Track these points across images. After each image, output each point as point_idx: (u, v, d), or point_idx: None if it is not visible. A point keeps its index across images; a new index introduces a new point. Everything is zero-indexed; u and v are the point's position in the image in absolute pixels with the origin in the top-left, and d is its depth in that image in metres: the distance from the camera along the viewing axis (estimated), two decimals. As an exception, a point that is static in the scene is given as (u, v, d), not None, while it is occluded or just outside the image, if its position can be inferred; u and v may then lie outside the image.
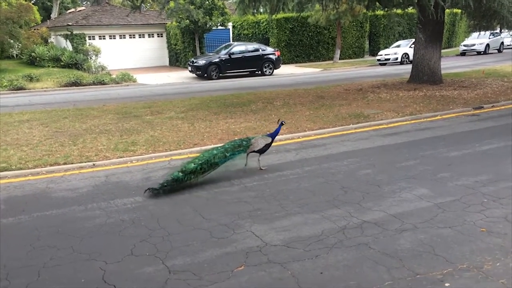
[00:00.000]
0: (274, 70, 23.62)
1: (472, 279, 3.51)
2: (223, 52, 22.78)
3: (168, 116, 11.11)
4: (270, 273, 3.72)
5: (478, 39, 30.98)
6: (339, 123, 9.65)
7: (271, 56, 23.56)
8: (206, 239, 4.40)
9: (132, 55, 29.99)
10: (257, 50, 23.47)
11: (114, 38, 29.93)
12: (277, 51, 24.31)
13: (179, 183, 5.83)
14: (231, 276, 3.70)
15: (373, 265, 3.78)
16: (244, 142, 6.53)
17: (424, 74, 15.06)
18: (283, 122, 6.93)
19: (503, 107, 11.12)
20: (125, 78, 21.13)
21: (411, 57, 20.04)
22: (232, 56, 22.38)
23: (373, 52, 33.25)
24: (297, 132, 8.97)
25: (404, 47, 27.35)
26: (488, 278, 3.51)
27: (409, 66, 16.57)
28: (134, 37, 30.71)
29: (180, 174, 5.86)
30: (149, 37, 31.35)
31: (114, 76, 21.22)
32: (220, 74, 22.12)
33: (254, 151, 6.55)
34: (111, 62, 26.37)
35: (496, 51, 32.63)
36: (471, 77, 17.00)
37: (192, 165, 5.98)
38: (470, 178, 5.81)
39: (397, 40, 30.62)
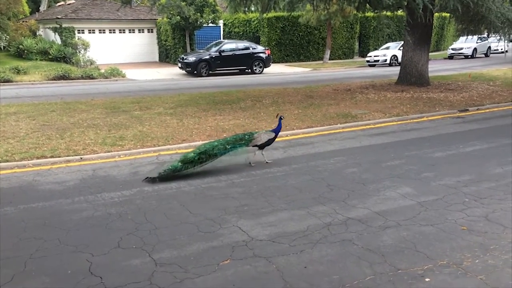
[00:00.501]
0: (264, 69, 23.68)
1: (452, 275, 3.61)
2: (214, 49, 22.77)
3: (157, 111, 11.11)
4: (255, 267, 3.78)
5: (466, 43, 31.38)
6: (327, 123, 9.75)
7: (261, 54, 23.61)
8: (193, 233, 4.45)
9: (121, 50, 29.81)
10: (247, 48, 23.50)
11: (104, 33, 29.73)
12: (267, 49, 24.36)
13: (176, 172, 6.01)
14: (217, 269, 3.76)
15: (356, 260, 3.86)
16: (246, 136, 6.67)
17: (412, 76, 15.24)
18: (282, 117, 7.08)
19: (487, 110, 11.32)
20: (114, 73, 21.02)
21: (399, 59, 20.25)
22: (223, 54, 22.39)
23: (363, 53, 33.50)
24: (285, 131, 9.02)
25: (393, 49, 27.59)
26: (467, 274, 3.62)
27: (398, 68, 16.77)
28: (124, 32, 30.53)
29: (179, 164, 6.06)
30: (139, 32, 31.20)
31: (103, 70, 21.09)
32: (210, 72, 22.11)
33: (256, 145, 6.68)
34: (100, 57, 26.20)
35: (483, 55, 33.10)
36: (457, 80, 17.25)
37: (192, 154, 6.18)
38: (453, 178, 5.94)
39: (386, 42, 30.88)
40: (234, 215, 4.87)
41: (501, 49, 32.52)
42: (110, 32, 29.98)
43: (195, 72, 21.73)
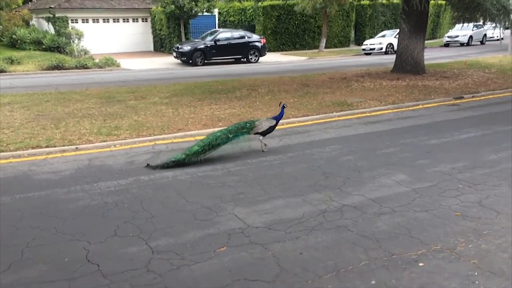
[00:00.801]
0: (260, 58, 23.61)
1: (445, 260, 3.66)
2: (209, 38, 22.66)
3: (152, 101, 11.09)
4: (251, 254, 3.82)
5: (462, 31, 31.35)
6: (322, 111, 9.77)
7: (256, 43, 23.52)
8: (189, 221, 4.48)
9: (116, 40, 29.60)
10: (243, 37, 23.39)
11: (98, 22, 29.48)
12: (263, 38, 24.27)
13: (180, 163, 6.20)
14: (213, 256, 3.80)
15: (351, 246, 3.91)
16: (248, 124, 6.81)
17: (407, 64, 15.25)
18: (285, 105, 7.22)
19: (482, 98, 11.37)
20: (108, 62, 20.89)
21: (395, 47, 20.21)
22: (218, 43, 22.29)
23: (359, 42, 33.40)
24: (281, 119, 9.02)
25: (389, 37, 27.54)
26: (460, 259, 3.67)
27: (394, 56, 16.75)
28: (118, 21, 30.28)
29: (183, 156, 6.28)
30: (133, 21, 30.95)
31: (97, 60, 20.97)
32: (206, 61, 22.03)
33: (258, 133, 6.82)
34: (94, 46, 25.99)
35: (479, 42, 33.08)
36: (453, 67, 17.28)
37: (196, 147, 6.38)
38: (447, 165, 5.99)
39: (382, 30, 30.81)
40: (230, 203, 4.90)
41: (497, 37, 32.52)
42: (104, 22, 29.73)
43: (190, 61, 21.64)
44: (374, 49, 27.21)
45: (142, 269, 3.59)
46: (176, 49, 22.44)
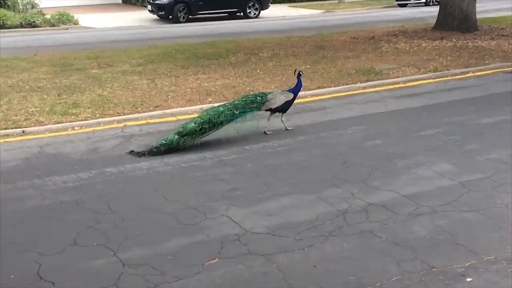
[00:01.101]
0: (261, 11, 23.51)
1: (500, 273, 3.71)
2: (194, -14, 22.50)
3: (121, 69, 11.08)
4: (250, 267, 3.87)
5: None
6: (343, 81, 9.77)
7: (257, -8, 23.38)
8: (171, 225, 4.52)
9: (72, -11, 29.42)
10: (239, -16, 23.26)
11: (48, -34, 29.24)
12: (265, -16, 24.11)
13: (172, 146, 6.26)
14: (201, 270, 3.85)
15: (378, 257, 3.96)
16: (258, 98, 6.87)
17: (454, 18, 15.19)
18: (301, 73, 7.31)
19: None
20: (63, 19, 20.80)
21: (439, -4, 20.12)
22: (206, -8, 22.15)
23: (391, -12, 33.15)
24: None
25: (432, -19, 27.32)
26: (519, 272, 3.72)
27: (437, 9, 16.65)
28: (74, -36, 30.03)
29: (176, 136, 6.31)
30: (95, -36, 30.69)
31: (48, 16, 20.88)
32: (190, 16, 21.91)
33: (271, 109, 6.92)
34: (45, -2, 25.86)
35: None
36: (515, 23, 17.19)
37: (192, 124, 6.41)
38: (504, 151, 6.03)
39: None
40: (223, 202, 4.94)
41: None
42: (56, -35, 29.48)
43: (171, 16, 21.53)
44: (411, -2, 27.00)
45: (110, 288, 3.64)
46: (151, 2, 22.30)
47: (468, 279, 3.65)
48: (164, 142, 6.29)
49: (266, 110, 6.90)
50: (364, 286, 3.60)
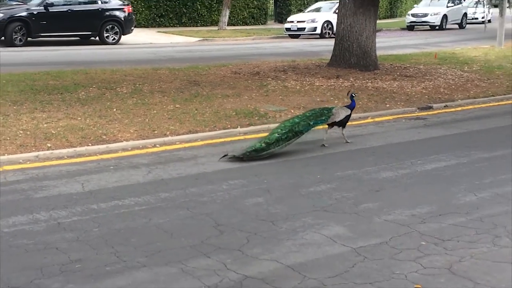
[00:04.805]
0: (122, 36, 23.64)
1: None
2: (36, 1, 22.14)
3: None
4: None
5: (431, 7, 33.74)
6: (220, 125, 9.91)
7: (117, 13, 23.50)
8: (-17, 312, 4.24)
9: None
10: (94, 2, 23.22)
11: None
12: (128, 5, 24.25)
13: (260, 153, 8.09)
14: None
15: None
16: (325, 111, 8.95)
17: (352, 54, 16.00)
18: (354, 94, 9.44)
19: (459, 108, 12.25)
20: None
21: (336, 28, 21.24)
22: (51, 9, 21.92)
23: (281, 17, 34.67)
24: (153, 137, 9.05)
25: (327, 11, 28.91)
26: None
27: (332, 42, 17.49)
28: None
29: (263, 144, 8.13)
30: None
31: None
32: (30, 39, 21.51)
33: (335, 122, 8.89)
34: None
35: (457, 25, 35.84)
36: (419, 62, 18.47)
37: (276, 135, 8.28)
38: (405, 211, 6.31)
39: (316, 1, 32.22)
40: (57, 279, 4.73)
41: (482, 18, 35.38)
42: None
43: (3, 38, 20.97)
44: (304, 29, 28.34)
45: None
46: (-22, 18, 21.60)
47: None
48: (253, 148, 8.09)
49: (330, 123, 8.83)
50: None
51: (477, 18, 36.85)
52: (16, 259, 5.06)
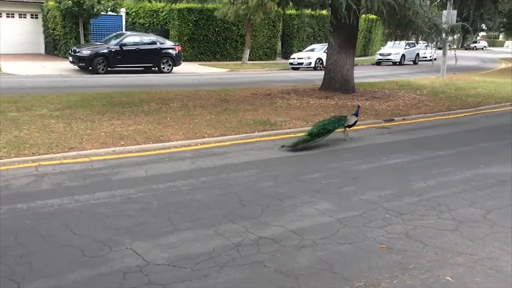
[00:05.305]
0: (174, 68, 23.61)
1: (368, 297, 3.81)
2: (114, 42, 22.26)
3: (39, 113, 10.58)
4: (150, 296, 3.72)
5: (394, 49, 33.64)
6: (243, 130, 9.90)
7: (170, 51, 23.50)
8: (76, 258, 4.27)
9: (-3, 38, 28.03)
10: (154, 43, 23.28)
11: (-26, 15, 27.79)
12: (177, 45, 24.30)
13: (305, 143, 8.54)
14: (103, 300, 3.64)
15: (267, 284, 3.94)
16: (343, 118, 9.43)
17: (336, 81, 15.98)
18: (359, 105, 10.60)
19: (413, 121, 12.18)
20: (-14, 65, 19.70)
21: (325, 63, 21.22)
22: (124, 48, 21.94)
23: (286, 55, 34.62)
24: (195, 138, 9.04)
25: (319, 51, 28.80)
26: (384, 296, 3.84)
27: (323, 73, 17.48)
28: (0, 16, 28.73)
29: (308, 137, 8.62)
30: (20, 17, 29.56)
31: (-29, 62, 19.69)
32: (109, 68, 21.57)
33: (349, 125, 9.41)
34: (-32, 45, 24.45)
35: (412, 62, 35.70)
36: (384, 88, 18.39)
37: (315, 130, 8.71)
38: (374, 193, 6.30)
39: (311, 44, 32.19)
40: (127, 236, 4.76)
41: (430, 56, 35.23)
42: (-18, 15, 28.08)
43: (90, 68, 21.07)
44: (302, 63, 28.28)
45: (11, 319, 3.35)
46: (73, 53, 21.71)
47: (342, 303, 3.72)
48: (302, 140, 8.53)
49: (346, 126, 9.34)
50: (252, 311, 3.56)
51: (426, 57, 36.67)
52: (99, 222, 5.11)
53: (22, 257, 4.24)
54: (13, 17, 29.29)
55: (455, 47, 21.00)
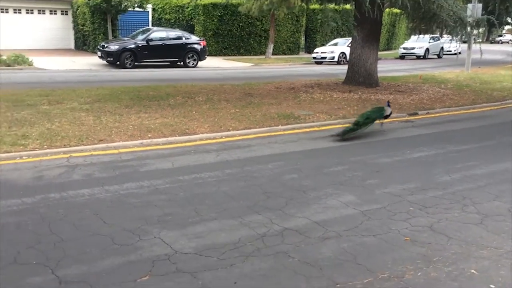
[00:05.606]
0: (199, 62, 23.67)
1: (392, 288, 3.80)
2: (140, 37, 22.43)
3: (70, 106, 10.75)
4: (178, 283, 3.77)
5: (418, 43, 33.14)
6: (267, 124, 9.90)
7: (195, 45, 23.57)
8: (107, 246, 4.36)
9: (29, 34, 28.56)
10: (180, 38, 23.38)
11: (7, 12, 28.34)
12: (202, 40, 24.36)
13: (351, 133, 8.86)
14: (133, 286, 3.71)
15: (291, 275, 3.96)
16: (382, 108, 9.66)
17: (360, 75, 15.84)
18: (389, 102, 10.18)
19: (437, 115, 12.01)
20: (18, 60, 20.08)
21: (348, 57, 21.03)
22: (151, 43, 22.09)
23: (309, 49, 34.40)
24: (220, 132, 9.08)
25: (342, 45, 28.53)
26: None
27: (346, 67, 17.34)
28: (32, 13, 29.28)
29: (354, 126, 8.90)
30: (50, 14, 30.04)
31: (4, 57, 20.08)
32: (136, 63, 21.75)
33: (386, 116, 9.62)
34: (2, 41, 24.94)
35: (436, 56, 35.09)
36: (408, 81, 18.15)
37: (360, 120, 9.03)
38: (398, 186, 6.25)
39: (334, 38, 31.91)
40: (156, 226, 4.82)
41: (454, 50, 34.62)
42: (15, 12, 28.65)
43: (118, 62, 21.29)
44: (325, 58, 28.07)
45: (46, 303, 3.44)
46: (101, 48, 21.97)
47: (366, 293, 3.72)
48: (348, 129, 8.84)
49: (384, 116, 9.51)
50: (277, 300, 3.59)
51: (450, 51, 36.05)
52: (128, 212, 5.19)
53: (55, 244, 4.35)
54: (43, 13, 29.77)
55: (480, 40, 20.53)
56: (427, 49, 33.74)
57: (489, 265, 4.22)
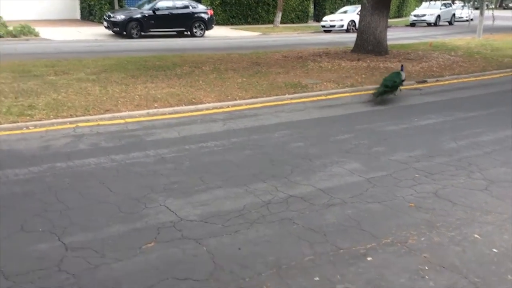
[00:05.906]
0: (206, 31, 23.43)
1: (395, 253, 3.82)
2: (147, 7, 22.17)
3: (76, 77, 10.74)
4: (183, 250, 3.82)
5: (429, 9, 32.49)
6: (274, 93, 9.84)
7: (202, 15, 23.30)
8: (113, 214, 4.41)
9: (34, 4, 28.31)
10: (186, 7, 23.09)
11: (12, -17, 28.03)
12: (210, 9, 24.07)
13: (382, 95, 9.26)
14: (138, 253, 3.76)
15: (295, 241, 3.99)
16: (398, 73, 9.68)
17: (369, 43, 15.62)
18: (402, 66, 10.32)
19: (447, 82, 11.86)
20: (24, 31, 19.98)
21: (358, 25, 20.71)
22: (157, 13, 21.84)
23: (318, 18, 33.89)
24: (227, 101, 9.05)
25: (351, 13, 28.09)
26: (411, 252, 3.84)
27: (355, 35, 17.09)
28: (37, -17, 28.93)
29: (383, 88, 9.23)
30: (56, -17, 29.69)
31: (10, 28, 19.99)
32: (142, 33, 21.56)
33: (403, 80, 9.71)
34: (7, 11, 24.78)
35: (447, 23, 34.45)
36: (418, 49, 17.87)
37: (388, 83, 9.31)
38: (404, 153, 6.22)
39: (344, 6, 31.40)
40: (161, 194, 4.86)
41: (466, 17, 33.91)
42: (20, -18, 28.31)
43: (124, 32, 21.11)
44: (334, 26, 27.69)
45: (53, 269, 3.50)
46: (107, 18, 21.78)
47: (369, 258, 3.73)
48: (378, 91, 9.27)
49: (402, 80, 9.60)
50: (281, 265, 3.62)
51: (462, 17, 35.33)
52: (134, 181, 5.23)
53: (62, 212, 4.40)
54: (49, -17, 29.44)
55: (493, 6, 20.13)
56: (438, 16, 33.10)
57: (493, 230, 4.22)
